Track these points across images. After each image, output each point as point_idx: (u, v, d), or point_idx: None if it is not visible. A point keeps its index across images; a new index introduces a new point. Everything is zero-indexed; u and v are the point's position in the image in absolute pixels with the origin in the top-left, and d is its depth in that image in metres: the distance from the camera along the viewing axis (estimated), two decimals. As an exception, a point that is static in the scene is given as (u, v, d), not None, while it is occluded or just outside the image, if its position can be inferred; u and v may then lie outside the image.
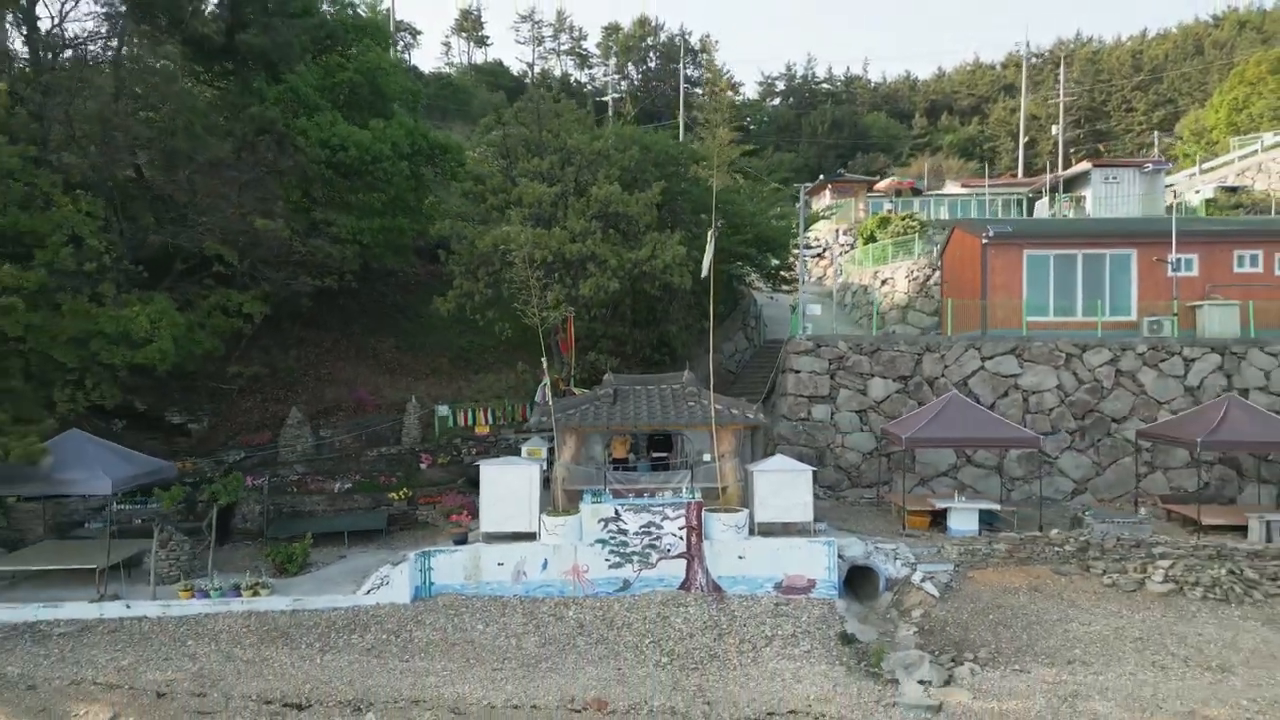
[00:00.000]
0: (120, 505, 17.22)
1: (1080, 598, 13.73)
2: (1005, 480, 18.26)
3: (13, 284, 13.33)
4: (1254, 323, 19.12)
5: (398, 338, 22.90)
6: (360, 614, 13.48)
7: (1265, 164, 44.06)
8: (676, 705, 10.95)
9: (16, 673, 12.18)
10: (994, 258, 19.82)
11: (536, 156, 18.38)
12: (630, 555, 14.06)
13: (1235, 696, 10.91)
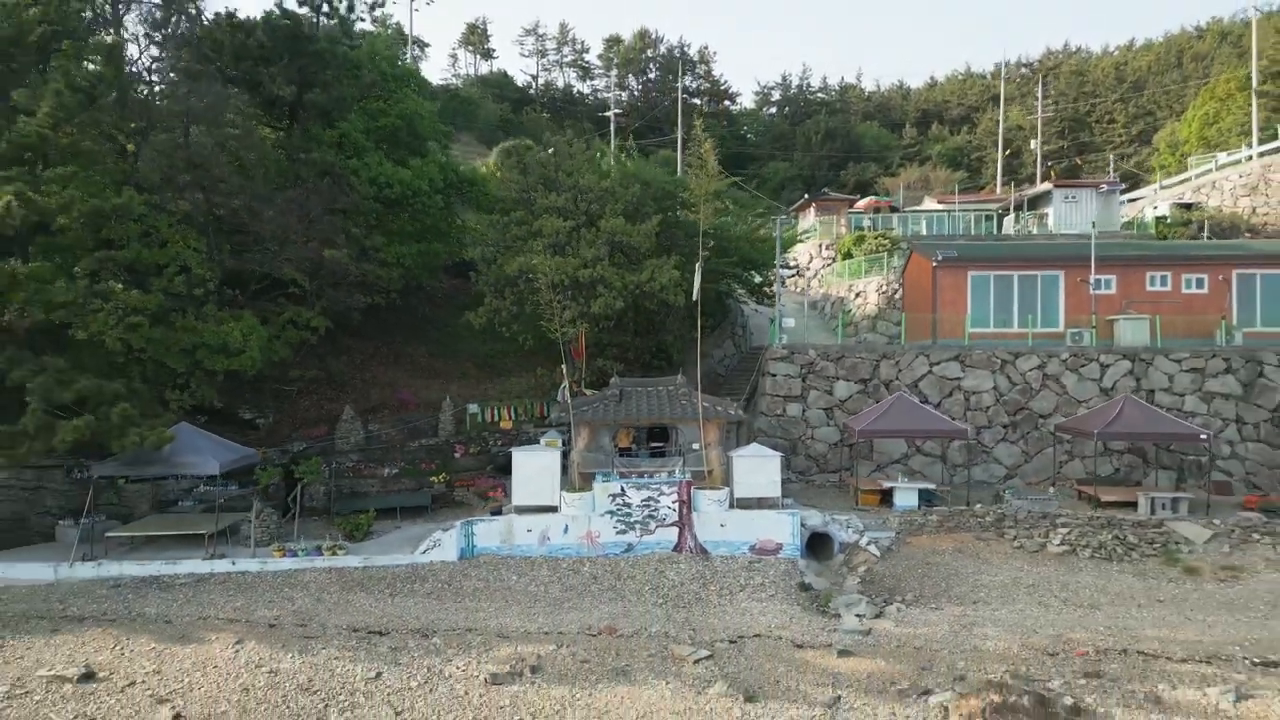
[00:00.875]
0: (206, 486, 20.61)
1: (993, 557, 17.06)
2: (948, 467, 21.54)
3: (139, 306, 16.64)
4: (1161, 334, 22.41)
5: (430, 345, 26.21)
6: (418, 569, 16.85)
7: (1219, 182, 47.29)
8: (669, 631, 14.28)
9: (153, 612, 15.50)
10: (943, 277, 23.14)
11: (553, 192, 21.75)
12: (633, 524, 17.39)
13: (1095, 625, 14.24)
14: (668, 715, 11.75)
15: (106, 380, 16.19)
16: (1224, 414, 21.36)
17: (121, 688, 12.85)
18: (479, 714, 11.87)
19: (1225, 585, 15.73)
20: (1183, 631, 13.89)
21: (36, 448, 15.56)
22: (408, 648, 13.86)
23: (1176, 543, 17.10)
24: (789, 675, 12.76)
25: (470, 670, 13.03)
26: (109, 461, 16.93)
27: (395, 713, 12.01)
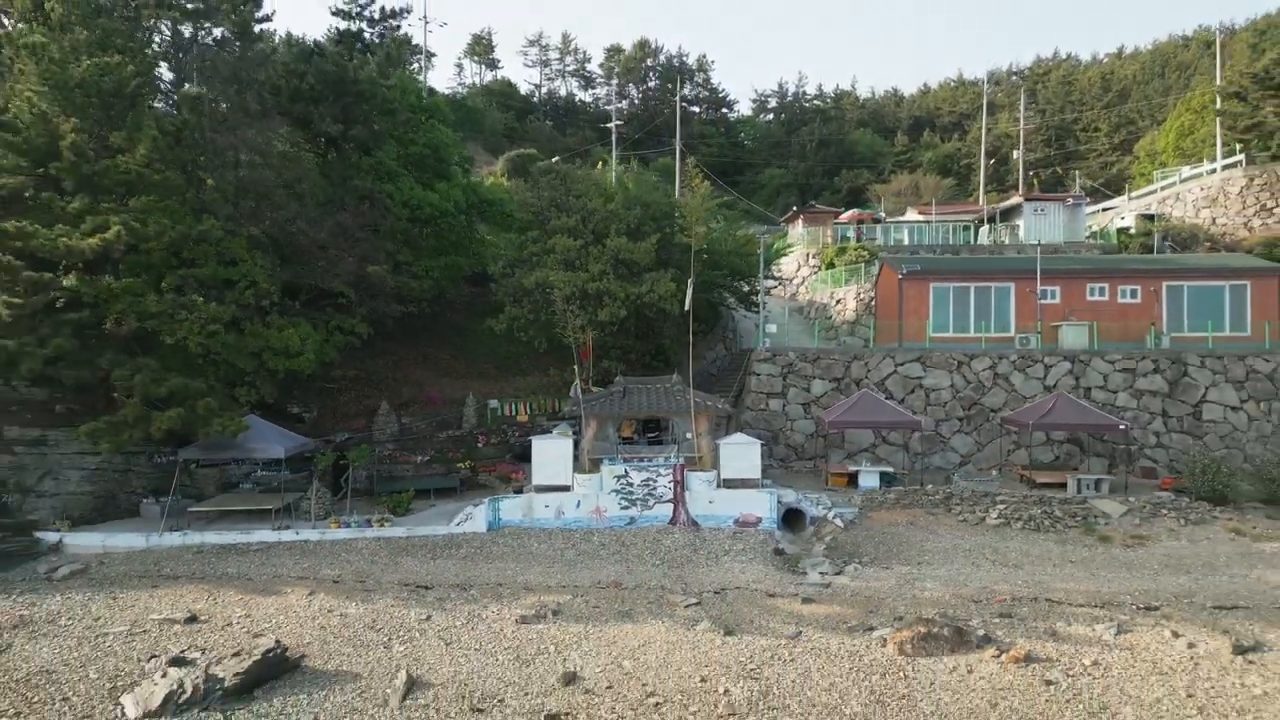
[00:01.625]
0: (263, 471, 23.58)
1: (939, 528, 20.03)
2: (910, 454, 24.49)
3: (216, 316, 19.58)
4: (1098, 338, 25.38)
5: (453, 348, 29.11)
6: (453, 538, 19.82)
7: (1182, 194, 50.19)
8: (665, 584, 17.23)
9: (234, 571, 18.46)
10: (908, 289, 26.08)
11: (564, 214, 24.69)
12: (635, 500, 20.37)
13: (1016, 580, 17.18)
14: (663, 644, 14.71)
15: (191, 378, 19.18)
16: (1151, 409, 24.32)
17: (221, 627, 15.80)
18: (513, 644, 14.82)
19: (1130, 550, 18.70)
20: (1086, 584, 16.86)
21: (135, 435, 18.53)
22: (450, 598, 16.85)
23: (1095, 517, 20.07)
24: (761, 616, 15.72)
25: (503, 614, 15.99)
26: (192, 447, 19.91)
27: (445, 644, 14.95)
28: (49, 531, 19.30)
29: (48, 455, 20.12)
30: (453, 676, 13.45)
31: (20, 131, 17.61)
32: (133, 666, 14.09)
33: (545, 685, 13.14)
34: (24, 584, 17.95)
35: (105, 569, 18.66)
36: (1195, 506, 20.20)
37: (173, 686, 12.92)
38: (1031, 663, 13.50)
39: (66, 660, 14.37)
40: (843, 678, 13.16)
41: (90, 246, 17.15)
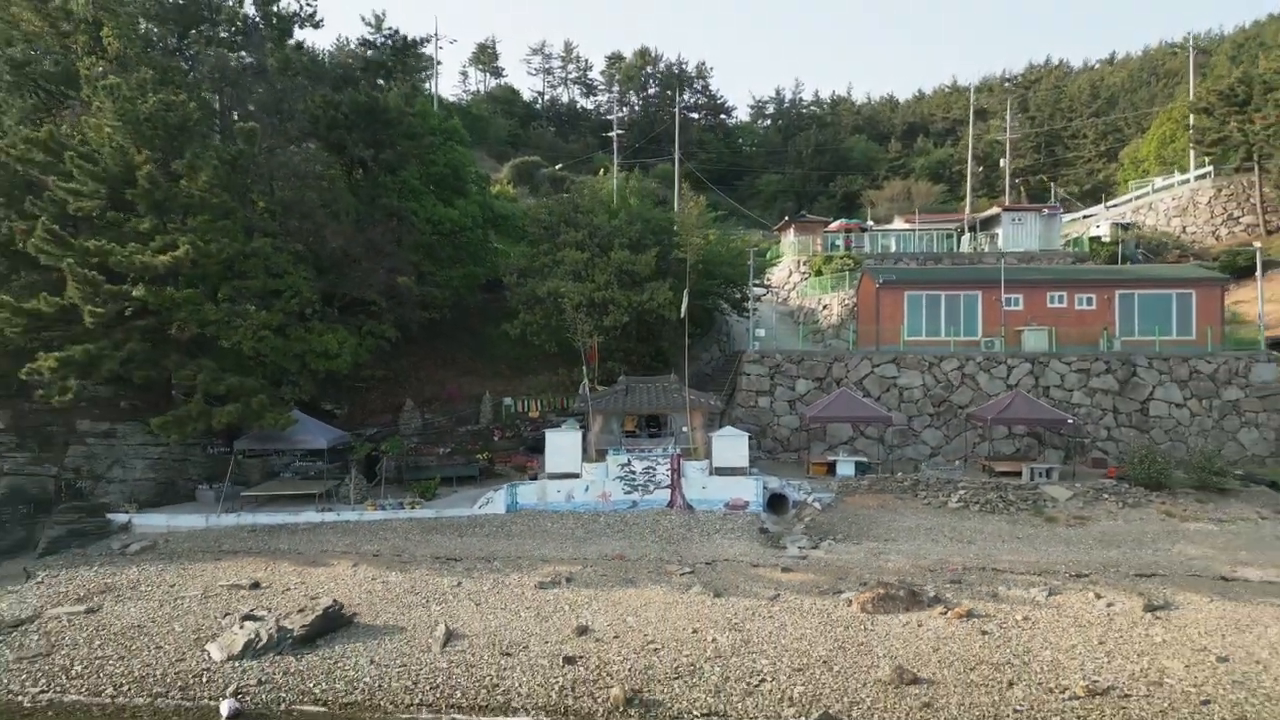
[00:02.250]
0: (300, 462, 26.05)
1: (906, 510, 22.50)
2: (885, 446, 26.96)
3: (266, 322, 22.06)
4: (1057, 342, 27.85)
5: (470, 350, 31.54)
6: (476, 519, 22.30)
7: (1155, 204, 52.68)
8: (663, 557, 19.71)
9: (285, 547, 20.93)
10: (884, 296, 28.55)
11: (572, 229, 27.15)
12: (637, 486, 22.85)
13: (968, 553, 19.64)
14: (661, 604, 17.18)
15: (243, 378, 21.67)
16: (1103, 406, 26.78)
17: (281, 591, 18.27)
18: (533, 604, 17.29)
19: (1071, 529, 21.19)
20: (1028, 557, 19.34)
21: (198, 427, 20.99)
22: (476, 568, 19.32)
23: (1045, 501, 22.53)
24: (745, 582, 18.19)
25: (523, 581, 18.46)
26: (245, 438, 22.42)
27: (475, 605, 17.41)
28: (119, 513, 21.79)
29: (115, 446, 22.62)
30: (484, 629, 15.95)
31: (99, 161, 20.06)
32: (210, 622, 16.58)
33: (562, 635, 15.62)
34: (102, 558, 20.45)
35: (171, 545, 21.15)
36: (1133, 492, 22.67)
37: (250, 636, 15.42)
38: (972, 618, 15.99)
39: (153, 618, 16.86)
40: (812, 630, 15.64)
41: (162, 263, 19.58)
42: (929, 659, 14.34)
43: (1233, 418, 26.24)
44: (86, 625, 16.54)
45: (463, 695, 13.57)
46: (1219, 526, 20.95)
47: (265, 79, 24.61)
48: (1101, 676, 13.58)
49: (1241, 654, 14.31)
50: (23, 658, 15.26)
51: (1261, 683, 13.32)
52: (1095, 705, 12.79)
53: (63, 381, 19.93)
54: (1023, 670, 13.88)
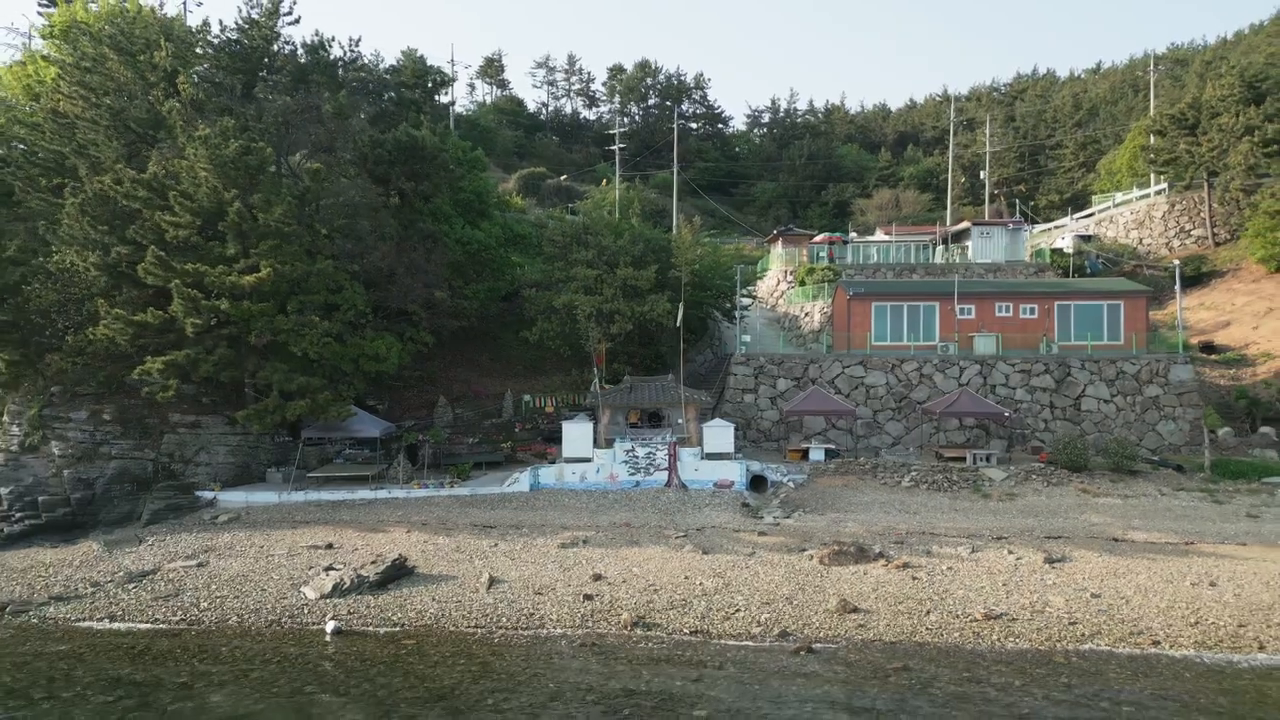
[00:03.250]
0: (350, 449, 30.17)
1: (866, 489, 26.62)
2: (853, 437, 31.08)
3: (328, 331, 26.15)
4: (1003, 346, 31.95)
5: (492, 353, 35.59)
6: (505, 496, 26.41)
7: (1115, 217, 56.73)
8: (661, 525, 23.78)
9: (348, 518, 25.00)
10: (854, 306, 32.66)
11: (583, 248, 31.26)
12: (640, 468, 26.95)
13: (912, 521, 23.71)
14: (660, 559, 21.29)
15: (311, 377, 25.81)
16: (1042, 401, 30.87)
17: (350, 551, 22.37)
18: (557, 559, 21.36)
19: (1001, 503, 25.29)
20: (961, 524, 23.44)
21: (274, 419, 25.09)
22: (508, 533, 23.43)
23: (982, 481, 26.65)
24: (729, 543, 22.28)
25: (548, 542, 22.55)
26: (311, 428, 26.57)
27: (511, 560, 21.50)
28: (206, 491, 25.90)
29: (201, 435, 26.73)
30: (519, 576, 20.05)
31: (195, 198, 24.14)
32: (298, 573, 20.67)
33: (581, 580, 19.72)
34: (197, 526, 24.56)
35: (251, 516, 25.27)
36: (1058, 474, 26.77)
37: (336, 580, 19.54)
38: (907, 568, 20.07)
39: (252, 570, 20.98)
40: (779, 577, 19.74)
41: (248, 283, 23.69)
42: (868, 596, 18.45)
43: (1153, 412, 30.36)
44: (200, 575, 20.67)
45: (507, 620, 17.65)
46: (1123, 501, 25.10)
47: (320, 121, 28.74)
48: (998, 607, 17.66)
49: (1111, 592, 18.42)
50: (158, 597, 19.39)
51: (1119, 610, 17.42)
52: (988, 625, 16.88)
53: (165, 381, 24.07)
54: (939, 603, 17.98)
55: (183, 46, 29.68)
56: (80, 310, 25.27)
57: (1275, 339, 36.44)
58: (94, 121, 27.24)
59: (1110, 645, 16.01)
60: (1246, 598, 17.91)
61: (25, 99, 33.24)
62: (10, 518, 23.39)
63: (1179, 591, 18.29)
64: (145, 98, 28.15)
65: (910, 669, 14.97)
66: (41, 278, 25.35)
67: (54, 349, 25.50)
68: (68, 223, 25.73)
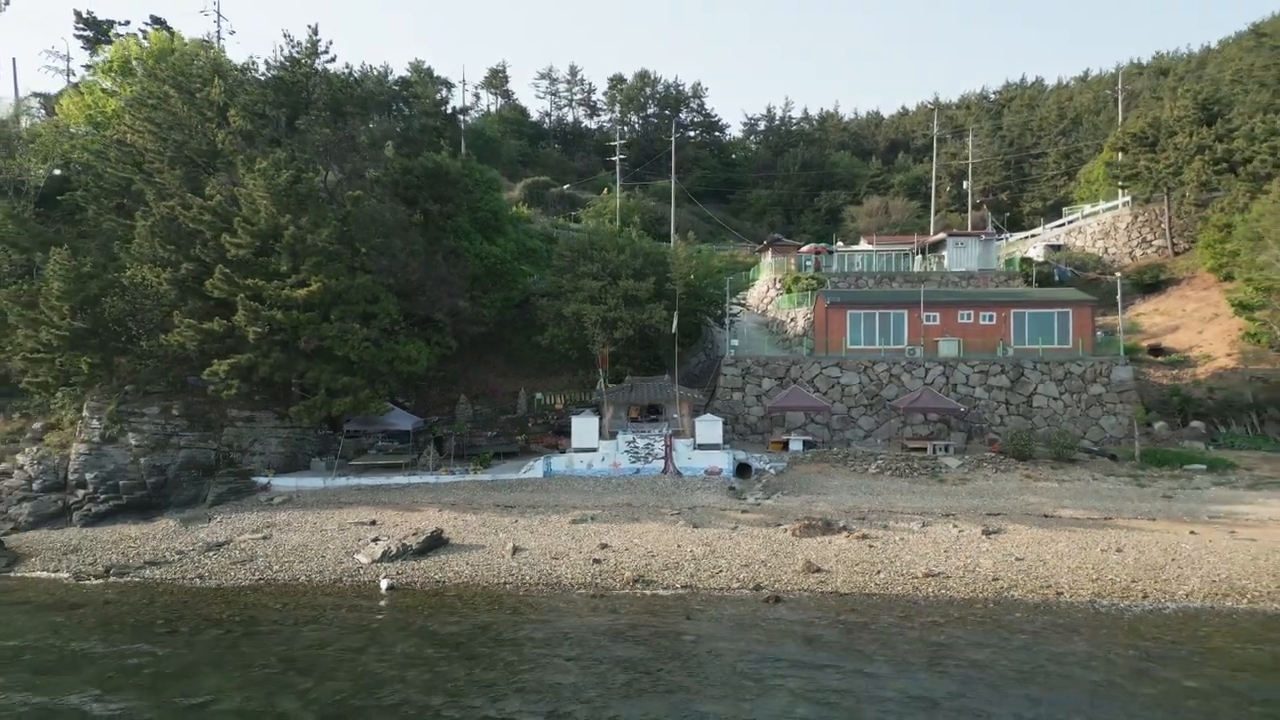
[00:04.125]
0: (382, 441, 33.82)
1: (837, 475, 30.26)
2: (830, 430, 34.70)
3: (367, 336, 29.76)
4: (965, 349, 35.58)
5: (506, 355, 39.17)
6: (522, 481, 30.00)
7: (1083, 227, 60.33)
8: (659, 505, 27.36)
9: (387, 499, 28.56)
10: (831, 313, 36.29)
11: (590, 262, 34.89)
12: (640, 457, 30.56)
13: (875, 501, 27.33)
14: (657, 532, 24.89)
15: (352, 378, 29.47)
16: (998, 399, 34.47)
17: (392, 526, 25.95)
18: (569, 533, 24.93)
19: (954, 487, 28.93)
20: (916, 503, 27.06)
21: (321, 414, 28.71)
22: (526, 512, 27.01)
23: (940, 468, 30.27)
24: (716, 520, 25.89)
25: (561, 519, 26.13)
26: (352, 421, 30.22)
27: (530, 533, 25.07)
28: (260, 477, 29.49)
29: (255, 428, 30.35)
30: (538, 545, 23.67)
31: (255, 222, 27.78)
32: (350, 543, 24.26)
33: (590, 549, 23.32)
34: (256, 507, 28.17)
35: (302, 499, 28.88)
36: (1006, 461, 30.39)
37: (384, 548, 23.16)
38: (865, 539, 23.68)
39: (310, 541, 24.59)
40: (757, 546, 23.34)
41: (301, 296, 27.35)
42: (830, 559, 22.07)
43: (1096, 408, 34.00)
44: (267, 545, 24.31)
45: (530, 579, 21.25)
46: (1059, 484, 28.74)
47: (355, 150, 32.37)
48: (937, 568, 21.25)
49: (1033, 556, 22.01)
50: (235, 562, 23.03)
51: (1036, 569, 20.95)
52: (927, 581, 20.49)
53: (229, 380, 27.73)
54: (888, 565, 21.60)
55: (232, 82, 33.32)
56: (151, 319, 28.90)
57: (1216, 342, 40.06)
58: (159, 153, 30.88)
59: (1023, 595, 19.60)
60: (1143, 561, 21.52)
61: (86, 126, 36.96)
62: (96, 499, 27.02)
63: (1089, 556, 21.89)
64: (202, 130, 31.78)
65: (857, 612, 18.59)
66: (117, 290, 28.99)
67: (126, 353, 29.14)
68: (138, 242, 29.38)
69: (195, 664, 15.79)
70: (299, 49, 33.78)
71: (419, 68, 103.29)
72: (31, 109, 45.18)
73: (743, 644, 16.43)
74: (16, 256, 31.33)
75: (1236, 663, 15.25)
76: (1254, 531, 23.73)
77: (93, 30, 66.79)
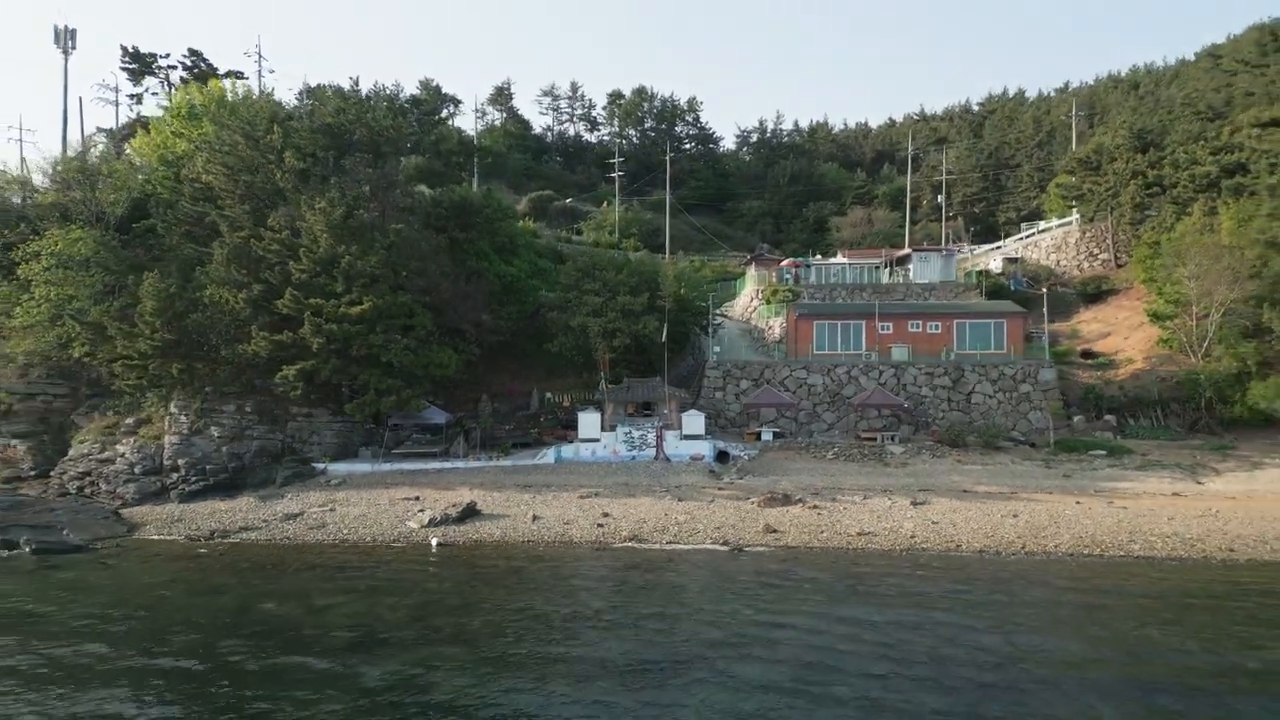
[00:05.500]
0: (416, 434, 39.56)
1: (800, 460, 35.92)
2: (797, 423, 40.39)
3: (407, 345, 35.44)
4: (914, 354, 41.27)
5: (520, 359, 44.86)
6: (537, 466, 35.65)
7: (1039, 241, 65.99)
8: (651, 484, 32.90)
9: (426, 480, 34.00)
10: (800, 323, 41.98)
11: (592, 280, 40.59)
12: (635, 446, 36.21)
13: (828, 480, 32.99)
14: (649, 505, 30.50)
15: (395, 380, 35.21)
16: (941, 396, 40.09)
17: (434, 500, 31.62)
18: (577, 505, 30.42)
19: (895, 469, 34.57)
20: (861, 482, 32.67)
21: (370, 410, 34.41)
22: (542, 490, 32.65)
23: (886, 454, 35.91)
24: (697, 494, 31.41)
25: (570, 495, 31.71)
26: (395, 416, 36.01)
27: (545, 505, 30.64)
28: (319, 463, 35.21)
29: (313, 421, 35.99)
30: (552, 514, 29.30)
31: (317, 251, 33.53)
32: (401, 514, 29.81)
33: (594, 517, 28.94)
34: (318, 487, 33.80)
35: (354, 480, 34.53)
36: (942, 449, 36.05)
37: (430, 517, 28.82)
38: (816, 509, 29.33)
39: (367, 512, 30.25)
40: (728, 513, 28.94)
41: (356, 313, 33.09)
42: (786, 523, 27.71)
43: (1025, 404, 39.67)
44: (333, 515, 29.97)
45: (547, 538, 26.81)
46: (983, 467, 34.42)
47: (394, 186, 38.09)
48: (868, 529, 26.91)
49: (946, 521, 27.61)
50: (310, 528, 28.65)
51: (946, 530, 26.43)
52: (858, 538, 26.02)
53: (295, 383, 33.46)
54: (830, 527, 27.21)
55: (288, 127, 39.08)
56: (228, 332, 34.63)
57: (1139, 347, 45.65)
58: (230, 191, 36.62)
59: (930, 547, 25.08)
60: (1031, 523, 27.05)
61: (158, 164, 42.68)
62: (188, 480, 32.69)
63: (989, 520, 27.44)
64: (265, 171, 37.53)
65: (800, 559, 24.15)
66: (198, 308, 34.72)
67: (207, 360, 34.85)
68: (215, 266, 35.06)
69: (305, 588, 21.41)
70: (345, 100, 39.57)
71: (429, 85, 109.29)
72: (99, 143, 50.87)
73: (708, 578, 22.14)
74: (108, 279, 37.01)
75: (1067, 586, 20.81)
76: (1127, 502, 29.37)
77: (137, 63, 72.83)
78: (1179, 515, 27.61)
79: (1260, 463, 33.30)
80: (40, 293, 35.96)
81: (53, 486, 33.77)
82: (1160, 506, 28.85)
